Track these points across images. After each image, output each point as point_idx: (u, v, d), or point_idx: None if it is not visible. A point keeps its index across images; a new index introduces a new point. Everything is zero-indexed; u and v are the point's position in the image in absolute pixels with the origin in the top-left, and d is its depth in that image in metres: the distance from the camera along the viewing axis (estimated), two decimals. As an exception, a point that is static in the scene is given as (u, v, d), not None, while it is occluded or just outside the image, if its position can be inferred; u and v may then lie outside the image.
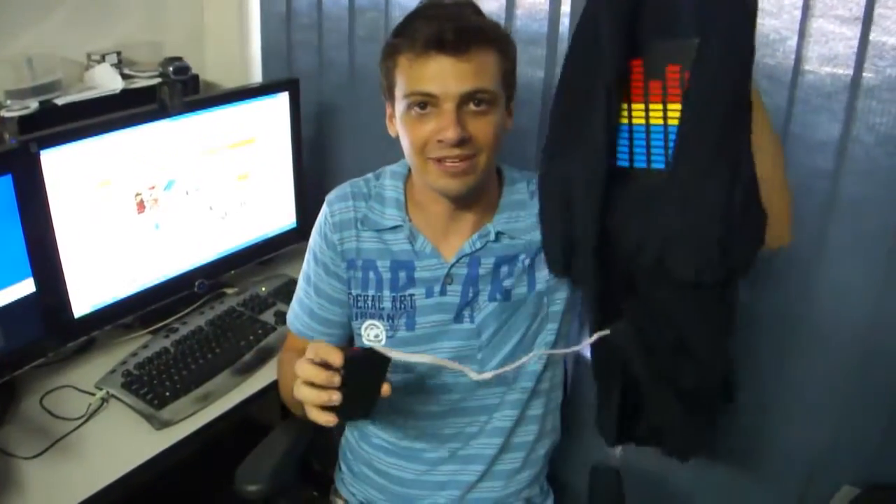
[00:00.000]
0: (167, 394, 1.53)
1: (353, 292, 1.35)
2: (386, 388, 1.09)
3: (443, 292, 1.32)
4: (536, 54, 1.67)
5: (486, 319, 1.33)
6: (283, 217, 2.02)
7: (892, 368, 1.43)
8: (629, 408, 1.27)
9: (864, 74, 1.33)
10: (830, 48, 1.36)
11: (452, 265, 1.31)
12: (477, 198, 1.29)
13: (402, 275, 1.32)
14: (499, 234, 1.31)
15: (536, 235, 1.29)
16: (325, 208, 1.38)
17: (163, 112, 1.69)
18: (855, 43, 1.33)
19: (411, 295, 1.33)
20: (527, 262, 1.32)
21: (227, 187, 1.85)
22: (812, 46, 1.38)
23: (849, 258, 1.43)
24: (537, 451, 1.44)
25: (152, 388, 1.54)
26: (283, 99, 1.93)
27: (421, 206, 1.33)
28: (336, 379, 1.06)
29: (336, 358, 1.05)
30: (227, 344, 1.70)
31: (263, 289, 1.92)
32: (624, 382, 1.23)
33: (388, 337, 1.34)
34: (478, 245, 1.31)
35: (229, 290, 1.92)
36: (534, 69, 1.67)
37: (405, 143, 1.24)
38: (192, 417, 1.51)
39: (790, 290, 1.50)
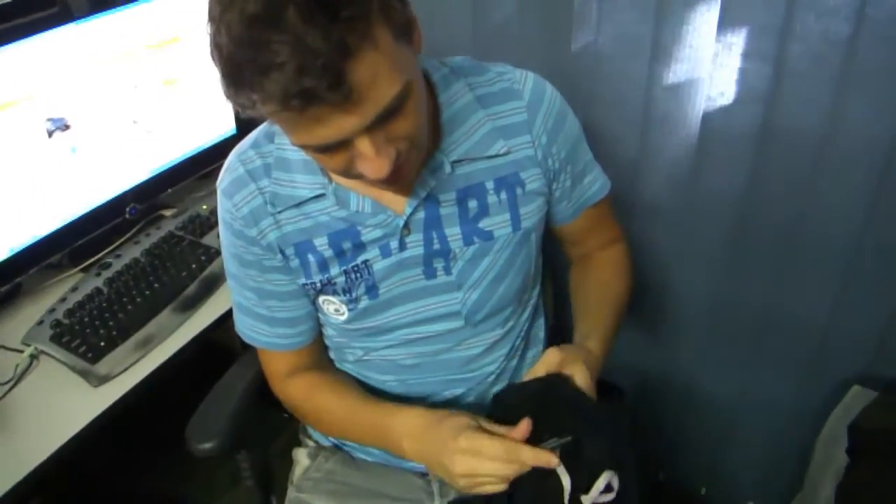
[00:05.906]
0: (102, 343, 1.39)
1: (299, 281, 1.12)
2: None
3: (402, 247, 1.08)
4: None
5: (466, 268, 1.12)
6: (221, 124, 1.83)
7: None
8: None
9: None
10: None
11: (409, 216, 1.07)
12: None
13: (347, 245, 1.08)
14: (454, 164, 1.07)
15: (500, 152, 1.08)
16: (223, 202, 1.09)
17: (66, 15, 1.47)
18: None
19: (365, 261, 1.09)
20: (502, 194, 1.10)
21: (152, 95, 1.64)
22: None
23: (863, 132, 1.32)
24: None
25: (85, 338, 1.40)
26: (207, -12, 1.69)
27: None
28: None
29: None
30: (167, 276, 1.55)
31: (204, 206, 1.74)
32: None
33: (349, 310, 1.14)
34: (431, 183, 1.05)
35: (167, 212, 1.75)
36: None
37: None
38: (134, 367, 1.38)
39: (802, 165, 1.40)
